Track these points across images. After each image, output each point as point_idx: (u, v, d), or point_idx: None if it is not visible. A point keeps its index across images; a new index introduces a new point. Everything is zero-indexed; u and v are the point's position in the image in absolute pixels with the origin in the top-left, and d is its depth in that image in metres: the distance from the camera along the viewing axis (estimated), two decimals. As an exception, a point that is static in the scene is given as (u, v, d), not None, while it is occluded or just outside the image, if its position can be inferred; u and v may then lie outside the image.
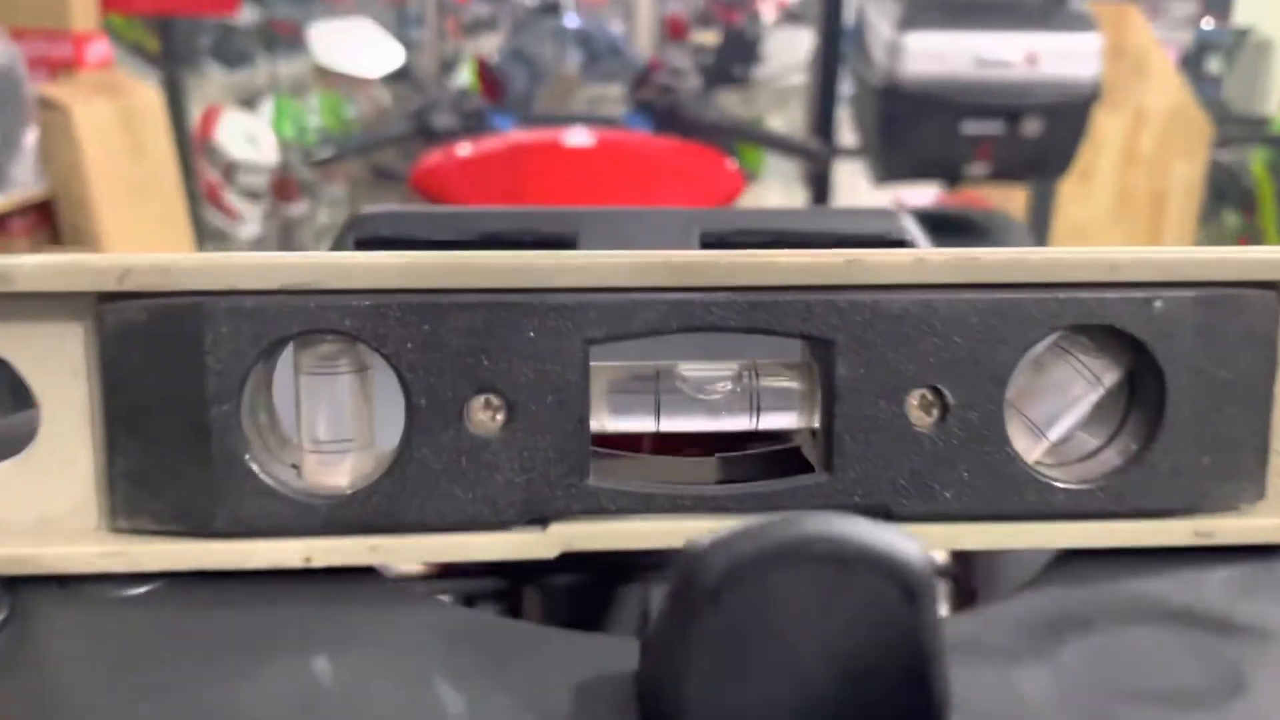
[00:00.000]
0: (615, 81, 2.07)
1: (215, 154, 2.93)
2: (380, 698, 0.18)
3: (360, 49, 1.60)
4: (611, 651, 0.18)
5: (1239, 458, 0.22)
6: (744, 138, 1.55)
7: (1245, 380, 0.21)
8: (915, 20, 1.77)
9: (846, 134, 2.25)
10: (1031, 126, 1.78)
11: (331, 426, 0.20)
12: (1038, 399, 0.22)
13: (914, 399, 0.21)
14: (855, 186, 2.08)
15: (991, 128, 1.79)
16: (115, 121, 2.31)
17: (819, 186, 2.20)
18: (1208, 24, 4.60)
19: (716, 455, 0.24)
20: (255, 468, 0.20)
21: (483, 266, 0.20)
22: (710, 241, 0.38)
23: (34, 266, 0.20)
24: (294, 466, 0.21)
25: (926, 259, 0.22)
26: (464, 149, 1.25)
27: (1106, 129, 2.63)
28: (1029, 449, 0.22)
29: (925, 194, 2.67)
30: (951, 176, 1.89)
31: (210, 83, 3.08)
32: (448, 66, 4.55)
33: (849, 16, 2.21)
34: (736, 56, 1.61)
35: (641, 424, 0.22)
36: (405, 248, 0.22)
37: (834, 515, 0.16)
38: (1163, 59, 2.60)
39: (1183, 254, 0.22)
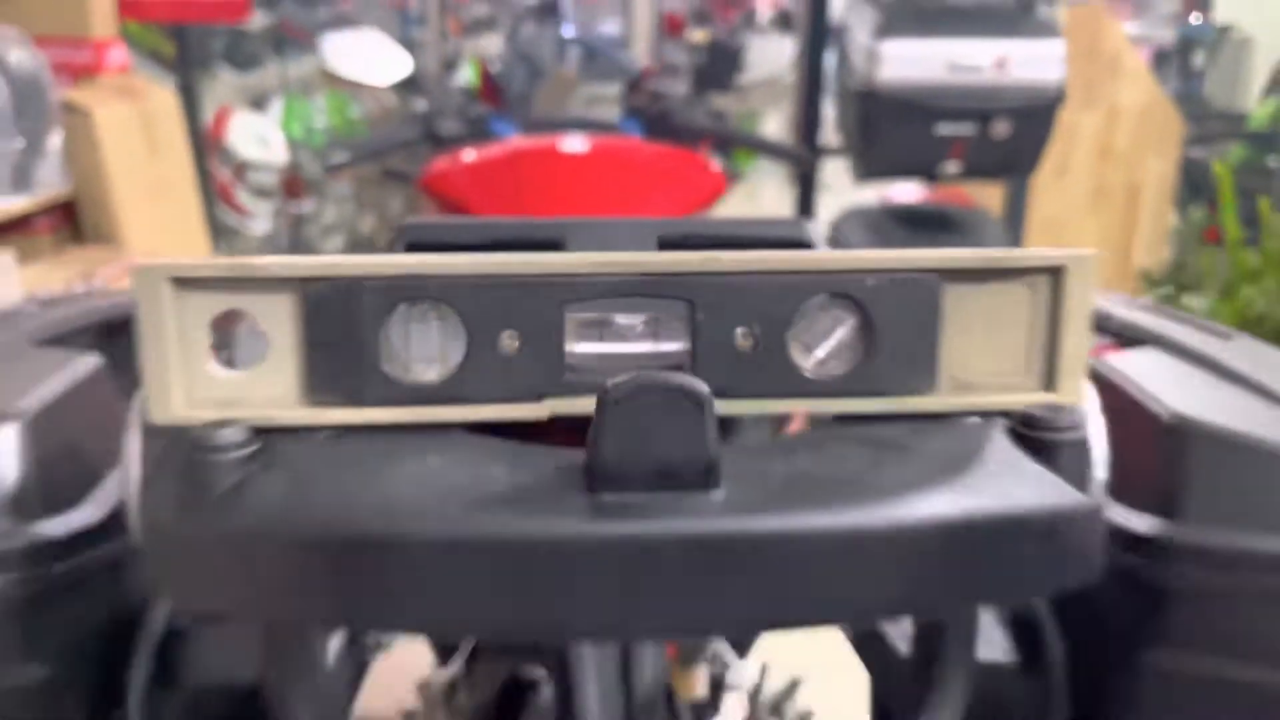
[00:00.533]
0: (611, 81, 2.19)
1: (227, 154, 3.05)
2: (461, 472, 0.34)
3: (370, 58, 1.71)
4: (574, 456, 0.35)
5: (919, 364, 0.37)
6: (730, 141, 1.65)
7: (920, 323, 0.36)
8: (891, 28, 1.88)
9: (832, 134, 2.36)
10: (1001, 128, 1.89)
11: (422, 350, 0.36)
12: (811, 333, 0.36)
13: (739, 333, 0.35)
14: (843, 184, 2.18)
15: (963, 129, 1.90)
16: (134, 124, 2.42)
17: (805, 184, 2.32)
18: (1196, 19, 4.70)
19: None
20: (385, 370, 0.36)
21: (507, 261, 0.35)
22: (664, 244, 0.50)
23: (269, 263, 0.36)
24: (405, 370, 0.36)
25: (755, 256, 0.35)
26: (469, 154, 1.36)
27: (1082, 126, 2.74)
28: (803, 362, 0.36)
29: (914, 190, 2.79)
30: (927, 175, 2.00)
31: (221, 85, 3.19)
32: (449, 65, 4.66)
33: (835, 22, 2.32)
34: (722, 65, 1.71)
35: (595, 348, 0.38)
36: (443, 249, 0.37)
37: (683, 377, 0.32)
38: (1135, 59, 2.71)
39: (890, 254, 0.36)
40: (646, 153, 1.38)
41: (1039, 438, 0.34)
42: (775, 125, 4.05)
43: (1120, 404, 0.48)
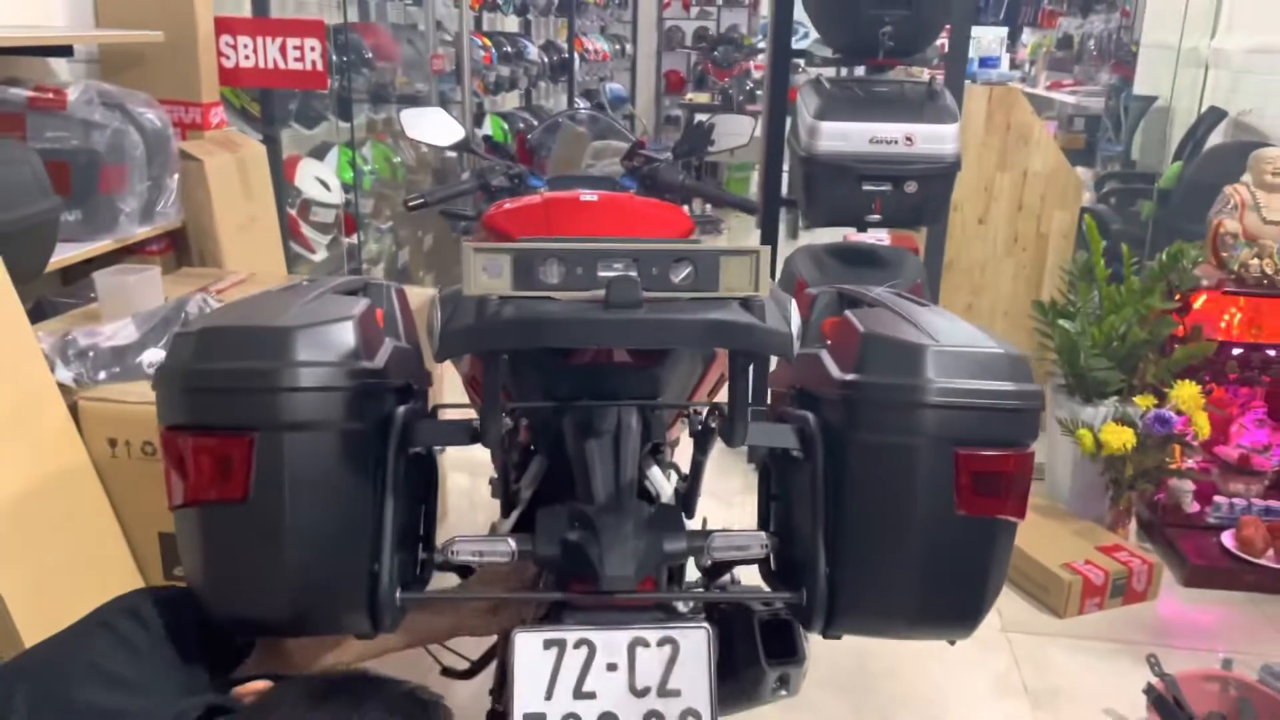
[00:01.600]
0: (616, 140, 2.75)
1: (295, 195, 3.65)
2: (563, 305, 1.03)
3: (434, 127, 2.30)
4: None
5: (712, 278, 0.93)
6: (699, 195, 2.22)
7: (710, 270, 0.91)
8: (828, 112, 2.48)
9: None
10: (910, 187, 2.48)
11: (547, 275, 0.94)
12: (675, 270, 0.93)
13: (653, 269, 0.93)
14: (816, 232, 2.77)
15: (882, 187, 2.49)
16: (233, 170, 3.02)
17: (766, 228, 2.91)
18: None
19: None
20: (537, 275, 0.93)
21: (568, 246, 0.91)
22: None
23: (508, 250, 0.91)
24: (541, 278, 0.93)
25: (648, 244, 0.92)
26: (515, 202, 1.95)
27: (1000, 185, 3.34)
28: (674, 278, 0.93)
29: (869, 235, 3.37)
30: (857, 223, 2.59)
31: (292, 138, 3.80)
32: (478, 120, 5.28)
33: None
34: (696, 138, 2.28)
35: (607, 274, 0.91)
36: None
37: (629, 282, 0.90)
38: (1042, 131, 3.30)
39: (706, 248, 0.92)
40: (638, 203, 1.97)
41: (748, 303, 0.92)
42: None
43: (850, 329, 1.07)
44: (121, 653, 1.00)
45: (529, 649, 1.01)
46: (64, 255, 2.50)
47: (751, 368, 1.01)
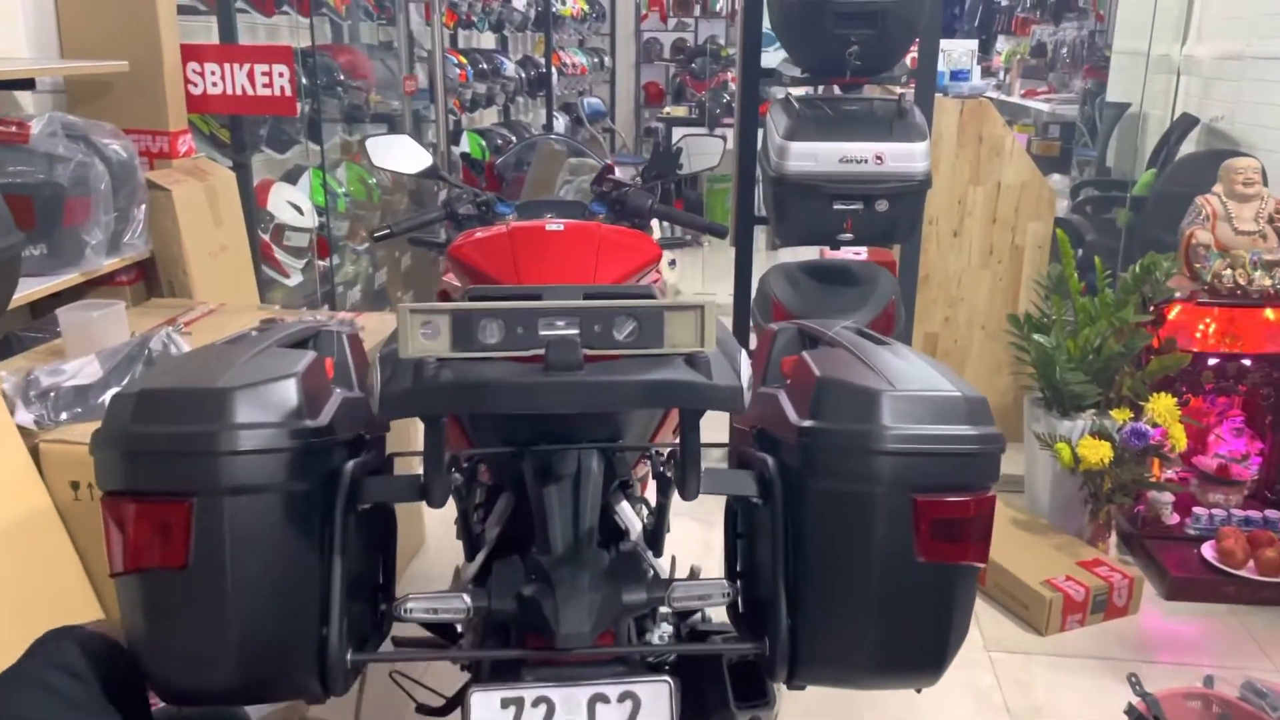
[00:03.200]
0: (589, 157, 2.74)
1: (267, 220, 3.62)
2: (508, 366, 0.92)
3: (402, 155, 2.28)
4: None
5: (657, 335, 0.91)
6: (666, 217, 2.20)
7: (655, 323, 0.90)
8: (797, 132, 2.47)
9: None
10: (882, 205, 2.47)
11: (489, 333, 0.92)
12: (618, 325, 0.91)
13: (595, 327, 0.91)
14: (796, 250, 2.76)
15: (853, 206, 2.48)
16: (202, 198, 2.99)
17: (740, 245, 2.90)
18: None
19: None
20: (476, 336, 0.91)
21: (508, 305, 0.89)
22: (586, 294, 1.07)
23: (443, 309, 0.90)
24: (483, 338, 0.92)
25: (594, 302, 0.90)
26: (483, 232, 1.93)
27: (974, 198, 3.33)
28: (619, 335, 0.91)
29: (848, 251, 3.36)
30: (828, 241, 2.58)
31: (263, 162, 3.77)
32: (455, 137, 5.25)
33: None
34: (665, 161, 2.27)
35: (548, 333, 0.90)
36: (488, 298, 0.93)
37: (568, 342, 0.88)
38: (1014, 143, 3.30)
39: (652, 302, 0.90)
40: (605, 231, 1.95)
41: (693, 359, 0.91)
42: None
43: (807, 372, 1.05)
44: (56, 706, 0.98)
45: (486, 708, 0.99)
46: (29, 290, 2.46)
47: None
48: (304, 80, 3.59)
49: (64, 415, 1.96)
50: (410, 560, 2.78)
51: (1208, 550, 2.69)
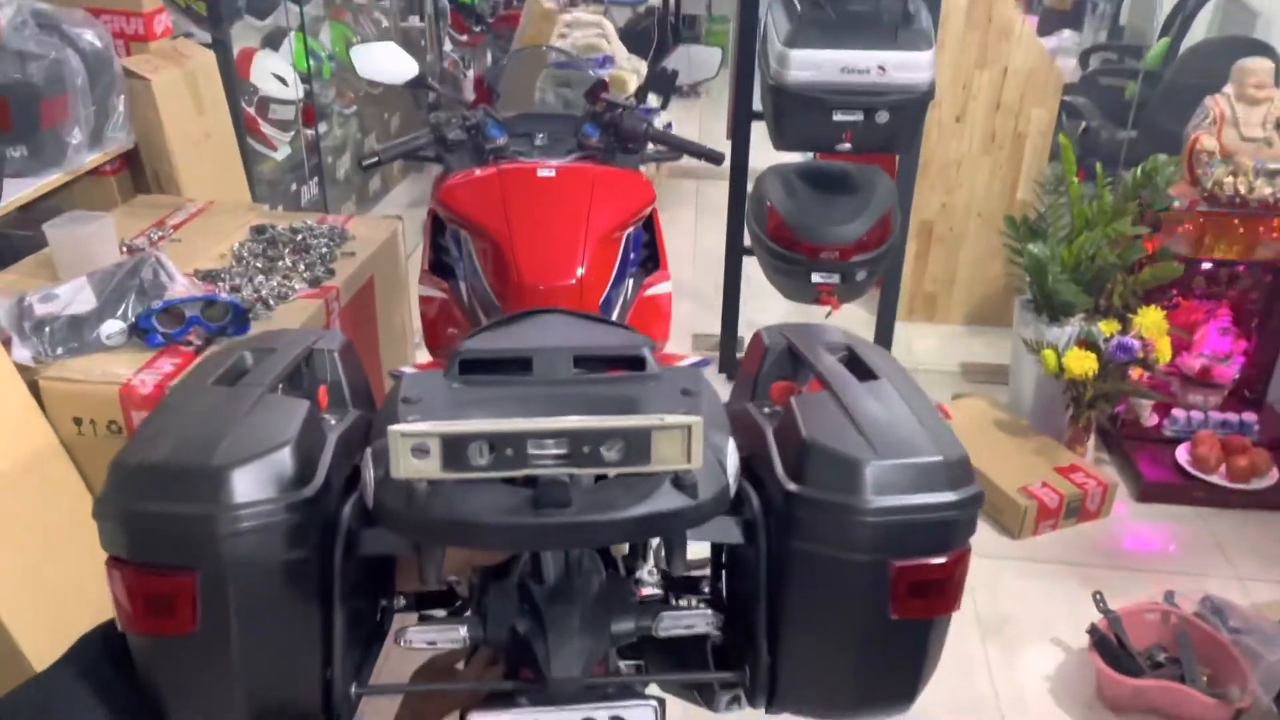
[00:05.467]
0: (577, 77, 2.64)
1: (251, 93, 3.51)
2: (506, 492, 0.92)
3: (387, 62, 2.20)
4: None
5: (644, 453, 0.89)
6: (662, 142, 2.15)
7: (643, 442, 0.90)
8: (798, 39, 2.38)
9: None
10: (882, 117, 2.41)
11: (480, 458, 0.93)
12: (608, 445, 0.92)
13: (584, 448, 0.91)
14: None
15: (853, 117, 2.42)
16: (183, 85, 2.90)
17: (737, 145, 2.84)
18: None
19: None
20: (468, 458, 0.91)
21: (497, 427, 0.87)
22: (576, 359, 1.06)
23: (425, 430, 0.87)
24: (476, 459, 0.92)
25: (587, 424, 0.87)
26: (470, 175, 1.90)
27: (979, 82, 3.24)
28: (608, 455, 0.92)
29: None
30: (827, 149, 2.53)
31: (244, 29, 3.63)
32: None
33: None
34: (660, 85, 2.19)
35: (537, 450, 0.89)
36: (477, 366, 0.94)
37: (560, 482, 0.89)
38: (1025, 26, 3.18)
39: (635, 420, 0.89)
40: (596, 173, 1.91)
41: (680, 479, 0.92)
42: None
43: (790, 428, 1.07)
44: (101, 710, 1.04)
45: None
46: (14, 195, 2.43)
47: None
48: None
49: (60, 350, 1.98)
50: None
51: (1181, 454, 2.78)
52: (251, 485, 0.96)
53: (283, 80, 3.55)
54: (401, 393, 0.99)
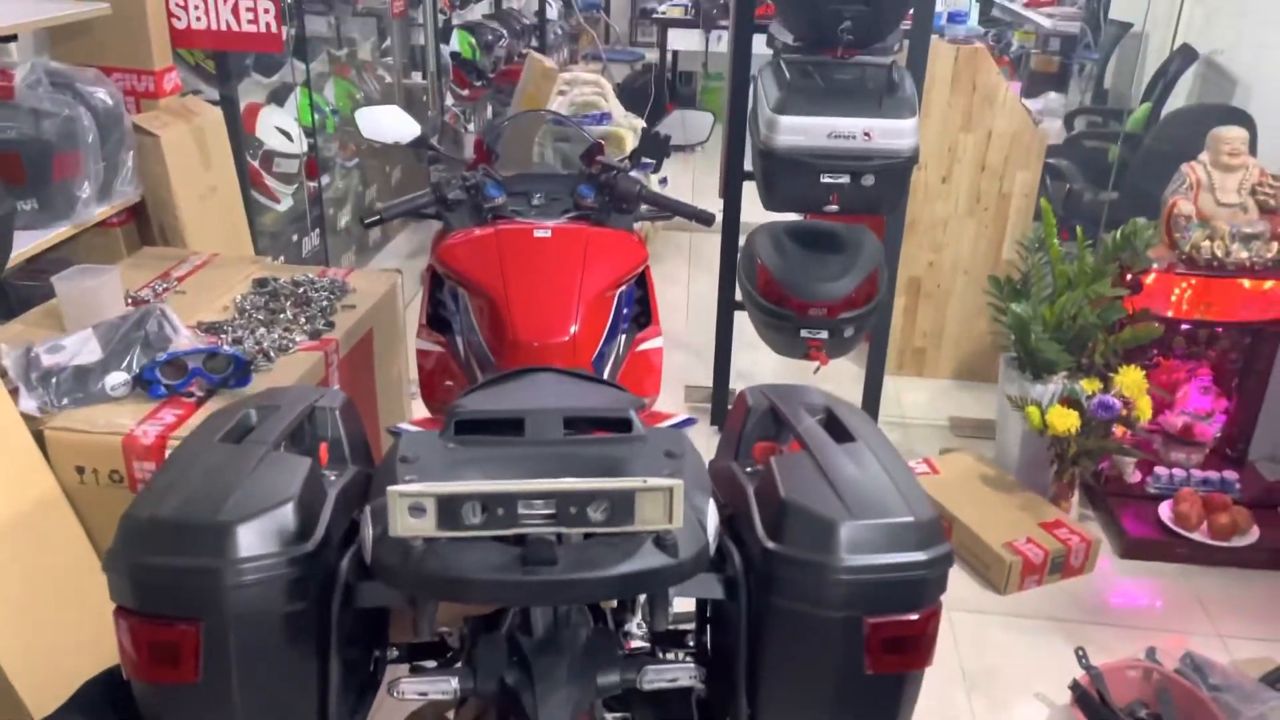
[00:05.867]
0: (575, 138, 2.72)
1: (256, 146, 3.60)
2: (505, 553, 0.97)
3: (391, 124, 2.28)
4: None
5: (627, 513, 0.96)
6: (654, 203, 2.22)
7: (626, 503, 0.95)
8: (787, 106, 2.46)
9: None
10: (868, 180, 2.49)
11: (472, 517, 0.98)
12: (594, 506, 0.97)
13: (571, 508, 0.96)
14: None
15: (840, 180, 2.49)
16: (190, 141, 2.98)
17: (729, 205, 2.91)
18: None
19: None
20: (463, 517, 0.95)
21: (489, 488, 0.93)
22: (566, 420, 1.12)
23: (422, 490, 0.94)
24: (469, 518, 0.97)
25: (574, 485, 0.93)
26: (468, 234, 1.96)
27: (964, 145, 3.33)
28: (595, 516, 0.97)
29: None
30: (815, 210, 2.60)
31: (250, 86, 3.72)
32: (445, 35, 5.12)
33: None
34: (654, 149, 2.27)
35: (526, 510, 0.95)
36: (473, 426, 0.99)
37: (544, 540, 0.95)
38: (1008, 93, 3.28)
39: (621, 482, 0.95)
40: (590, 235, 1.98)
41: (662, 539, 0.98)
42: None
43: (770, 488, 1.12)
44: None
45: None
46: (23, 247, 2.49)
47: None
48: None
49: (65, 400, 2.03)
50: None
51: (1164, 511, 2.83)
52: (256, 540, 1.01)
53: (287, 134, 3.64)
54: (400, 452, 1.04)
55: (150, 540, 1.01)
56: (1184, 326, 2.86)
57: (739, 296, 2.80)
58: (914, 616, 1.08)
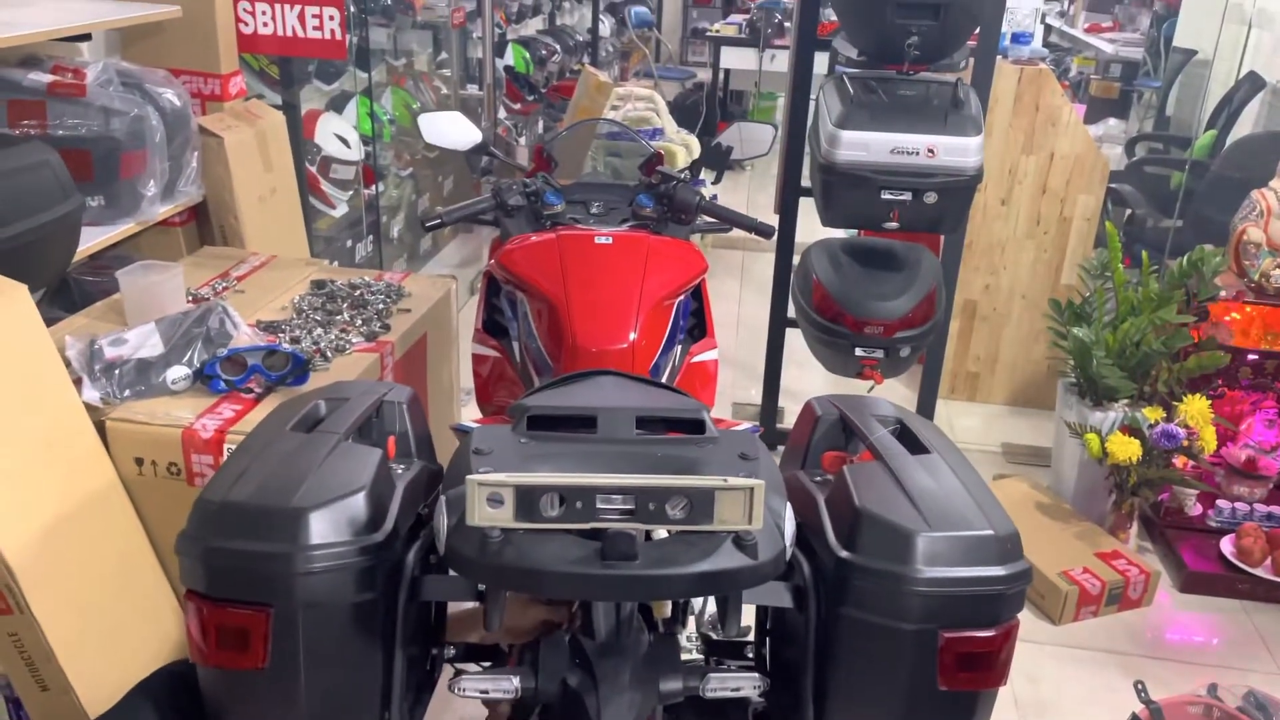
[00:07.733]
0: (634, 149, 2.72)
1: (315, 152, 3.64)
2: (582, 545, 0.96)
3: (452, 130, 2.29)
4: None
5: (708, 512, 0.93)
6: (713, 215, 2.21)
7: (706, 502, 0.93)
8: (849, 121, 2.44)
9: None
10: (930, 198, 2.46)
11: (550, 509, 0.95)
12: (672, 504, 0.95)
13: (650, 505, 0.93)
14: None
15: (901, 196, 2.47)
16: (253, 143, 3.01)
17: (785, 221, 2.89)
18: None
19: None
20: (541, 509, 0.93)
21: (569, 481, 0.92)
22: (637, 421, 1.10)
23: (506, 481, 0.92)
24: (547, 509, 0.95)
25: (654, 482, 0.91)
26: (528, 239, 1.96)
27: (1025, 168, 3.29)
28: (674, 513, 0.95)
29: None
30: (874, 227, 2.57)
31: (311, 92, 3.77)
32: (500, 49, 5.17)
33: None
34: (714, 160, 2.26)
35: (605, 504, 0.93)
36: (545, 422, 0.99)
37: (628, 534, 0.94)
38: (1072, 114, 3.23)
39: (699, 480, 0.92)
40: (652, 243, 1.97)
41: (741, 539, 0.96)
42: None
43: (843, 497, 1.10)
44: None
45: None
46: (88, 243, 2.53)
47: None
48: (352, 9, 3.56)
49: (127, 393, 2.05)
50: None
51: (1226, 545, 2.75)
52: (328, 527, 1.01)
53: (345, 141, 3.67)
54: (474, 445, 1.03)
55: (223, 524, 1.01)
56: (1251, 356, 2.80)
57: (792, 313, 2.77)
58: (990, 633, 1.05)
